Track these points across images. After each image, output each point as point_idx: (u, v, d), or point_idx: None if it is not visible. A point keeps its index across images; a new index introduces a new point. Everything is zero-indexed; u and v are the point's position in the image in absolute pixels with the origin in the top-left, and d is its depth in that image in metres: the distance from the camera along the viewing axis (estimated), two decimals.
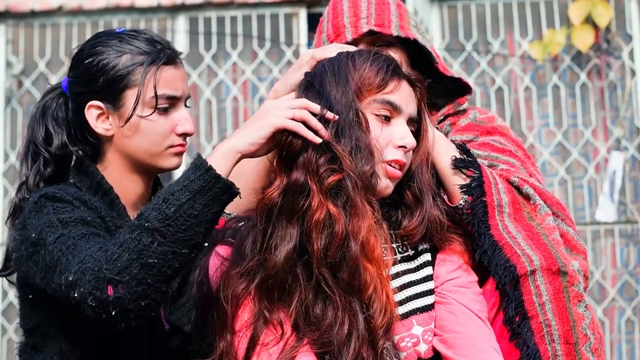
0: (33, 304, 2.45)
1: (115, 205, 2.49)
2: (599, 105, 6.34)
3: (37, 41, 6.53)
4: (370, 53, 2.42)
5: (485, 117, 2.86)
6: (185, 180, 2.16)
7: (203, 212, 2.14)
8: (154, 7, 6.47)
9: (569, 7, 6.22)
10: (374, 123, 2.35)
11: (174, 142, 2.50)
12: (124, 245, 2.13)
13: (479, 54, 6.41)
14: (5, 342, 6.21)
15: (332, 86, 2.34)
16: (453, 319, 2.38)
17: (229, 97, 6.49)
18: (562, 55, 6.33)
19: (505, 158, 2.72)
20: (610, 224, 6.13)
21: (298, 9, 6.44)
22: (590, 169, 6.23)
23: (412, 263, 2.44)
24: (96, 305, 2.13)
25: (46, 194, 2.38)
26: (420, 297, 2.41)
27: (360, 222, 2.26)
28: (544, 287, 2.46)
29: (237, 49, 6.49)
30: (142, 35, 2.52)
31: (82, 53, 2.52)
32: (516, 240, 2.49)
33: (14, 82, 6.52)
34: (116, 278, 2.11)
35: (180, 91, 2.51)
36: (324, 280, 2.27)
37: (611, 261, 6.20)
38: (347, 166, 2.26)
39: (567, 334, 2.44)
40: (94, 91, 2.47)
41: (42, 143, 2.54)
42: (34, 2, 6.44)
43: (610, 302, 6.10)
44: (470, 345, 2.34)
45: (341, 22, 2.81)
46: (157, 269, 2.12)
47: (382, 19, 2.79)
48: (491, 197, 2.53)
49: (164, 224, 2.12)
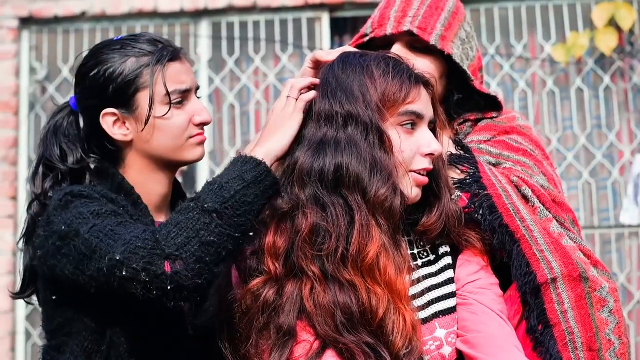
0: (57, 305, 2.45)
1: (139, 205, 2.50)
2: (623, 107, 6.32)
3: (61, 47, 6.57)
4: (388, 64, 2.39)
5: (505, 117, 2.84)
6: (237, 172, 2.26)
7: (254, 201, 2.25)
8: (176, 13, 6.49)
9: (592, 10, 6.21)
10: (400, 135, 2.35)
11: (192, 132, 2.54)
12: (181, 224, 2.20)
13: (501, 57, 6.40)
14: (30, 347, 6.24)
15: (350, 104, 2.35)
16: (475, 319, 2.38)
17: (252, 101, 6.51)
18: (585, 58, 6.32)
19: (517, 157, 2.71)
20: (634, 227, 6.11)
21: (321, 13, 6.45)
22: (614, 171, 6.21)
23: (433, 267, 2.43)
24: (150, 280, 2.16)
25: (72, 191, 2.38)
26: (442, 300, 2.40)
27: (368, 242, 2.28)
28: (566, 294, 2.45)
29: (259, 53, 6.50)
30: (142, 37, 2.54)
31: (85, 67, 2.54)
32: (533, 235, 2.48)
33: (37, 87, 6.56)
34: (175, 254, 2.16)
35: (190, 83, 2.54)
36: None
37: (636, 264, 6.18)
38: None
39: (590, 340, 2.43)
40: (106, 100, 2.49)
41: (58, 159, 2.55)
42: (57, 8, 6.48)
43: (635, 305, 6.08)
44: (493, 344, 2.34)
45: (388, 13, 2.79)
46: (215, 249, 2.19)
47: (427, 24, 2.76)
48: (494, 188, 2.52)
49: (222, 207, 2.21)
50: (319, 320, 2.28)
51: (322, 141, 2.33)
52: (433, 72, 2.72)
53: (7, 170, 6.36)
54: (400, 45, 2.75)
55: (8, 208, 6.34)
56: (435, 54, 2.77)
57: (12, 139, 6.40)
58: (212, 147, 6.51)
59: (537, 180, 2.63)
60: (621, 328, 2.48)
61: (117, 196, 2.46)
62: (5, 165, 6.36)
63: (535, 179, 2.63)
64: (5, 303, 6.19)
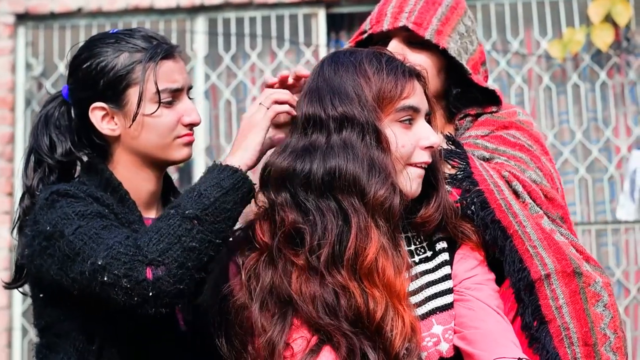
0: (45, 303, 2.45)
1: (126, 200, 2.50)
2: (620, 103, 6.33)
3: (57, 43, 6.57)
4: (380, 60, 2.37)
5: (505, 112, 2.83)
6: (215, 179, 2.27)
7: (233, 208, 2.27)
8: (173, 9, 6.49)
9: (589, 5, 6.21)
10: (399, 130, 2.34)
11: (180, 132, 2.52)
12: (162, 231, 2.21)
13: (498, 53, 6.40)
14: (27, 343, 6.24)
15: (344, 106, 2.33)
16: (472, 315, 2.38)
17: (248, 97, 6.51)
18: (581, 53, 6.32)
19: (512, 152, 2.70)
20: (630, 223, 6.12)
21: (317, 9, 6.45)
22: (610, 167, 6.21)
23: (430, 263, 2.43)
24: (131, 287, 2.17)
25: (57, 190, 2.38)
26: (439, 296, 2.40)
27: (367, 245, 2.27)
28: (560, 290, 2.45)
29: (256, 49, 6.50)
30: (137, 33, 2.53)
31: (78, 58, 2.53)
32: (525, 230, 2.48)
33: (33, 83, 6.56)
34: (158, 259, 2.17)
35: (182, 82, 2.52)
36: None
37: (633, 259, 6.19)
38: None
39: (585, 335, 2.43)
40: (96, 94, 2.48)
41: (47, 151, 2.54)
42: (53, 4, 6.47)
43: (632, 300, 6.09)
44: (490, 340, 2.34)
45: (385, 9, 2.80)
46: (197, 254, 2.21)
47: (423, 19, 2.76)
48: (485, 183, 2.52)
49: (203, 213, 2.22)
50: (304, 306, 2.28)
51: (307, 146, 2.31)
52: (430, 67, 2.72)
53: (4, 166, 6.36)
54: (397, 40, 2.76)
55: (5, 204, 6.34)
56: (432, 49, 2.76)
57: (8, 135, 6.40)
58: (209, 143, 6.50)
59: (529, 176, 2.62)
60: (616, 322, 2.48)
61: (103, 194, 2.45)
62: (2, 161, 6.36)
63: (528, 173, 2.62)
64: (2, 299, 6.19)
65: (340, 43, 6.54)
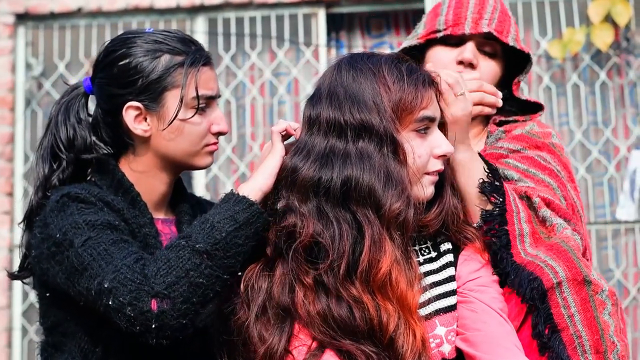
0: (51, 303, 2.46)
1: (137, 202, 2.50)
2: (619, 103, 6.32)
3: (57, 43, 6.56)
4: (400, 68, 2.35)
5: (541, 131, 2.85)
6: (229, 211, 2.26)
7: (245, 243, 2.26)
8: (172, 9, 6.49)
9: (589, 5, 6.21)
10: (415, 141, 2.34)
11: (209, 141, 2.54)
12: (171, 262, 2.20)
13: None
14: (27, 343, 6.23)
15: (363, 114, 2.30)
16: (475, 317, 2.37)
17: (248, 97, 6.50)
18: (581, 54, 6.32)
19: (542, 176, 2.71)
20: (630, 223, 6.12)
21: (317, 9, 6.45)
22: (610, 167, 6.21)
23: (434, 264, 2.43)
24: (135, 316, 2.18)
25: (69, 193, 2.38)
26: (443, 297, 2.40)
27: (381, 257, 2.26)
28: (571, 298, 2.46)
29: (256, 49, 6.50)
30: (175, 35, 2.52)
31: (114, 54, 2.50)
32: (537, 257, 2.48)
33: (33, 83, 6.55)
34: (164, 292, 2.17)
35: (216, 91, 2.54)
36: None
37: (632, 260, 6.18)
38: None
39: (596, 343, 2.44)
40: (133, 92, 2.47)
41: (65, 145, 2.53)
42: (53, 4, 6.47)
43: (631, 301, 6.09)
44: (492, 342, 2.34)
45: (464, 13, 2.84)
46: (203, 290, 2.21)
47: (503, 27, 2.83)
48: (513, 227, 2.51)
49: (214, 248, 2.22)
50: (314, 326, 2.27)
51: (328, 153, 2.30)
52: (497, 74, 2.83)
53: (3, 166, 6.35)
54: (471, 44, 2.82)
55: (4, 204, 6.33)
56: (496, 57, 2.84)
57: (8, 135, 6.39)
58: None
59: (553, 200, 2.64)
60: (620, 330, 2.49)
61: (114, 197, 2.44)
62: (2, 161, 6.36)
63: (553, 201, 2.64)
64: (2, 299, 6.18)
65: (340, 43, 6.55)
